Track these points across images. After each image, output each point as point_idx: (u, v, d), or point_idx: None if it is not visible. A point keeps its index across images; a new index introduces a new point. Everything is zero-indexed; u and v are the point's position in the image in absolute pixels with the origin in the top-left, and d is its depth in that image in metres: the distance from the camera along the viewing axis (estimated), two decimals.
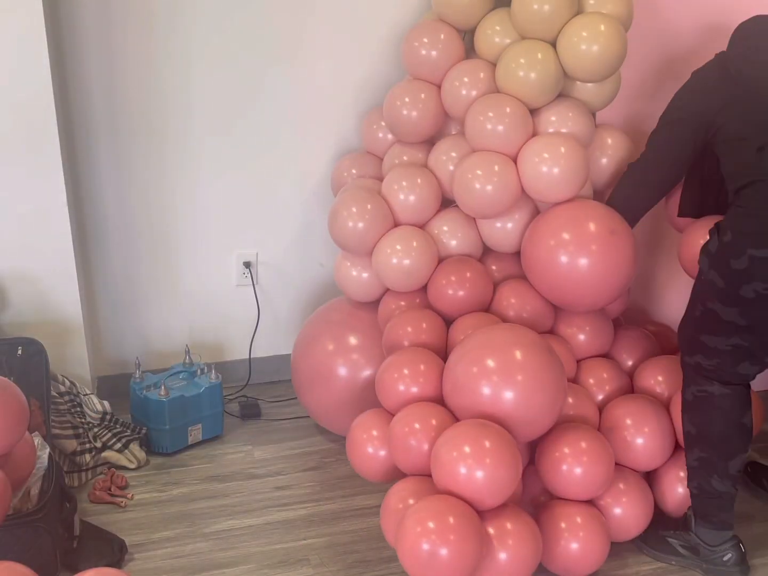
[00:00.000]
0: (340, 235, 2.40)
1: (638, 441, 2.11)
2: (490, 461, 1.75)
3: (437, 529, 1.68)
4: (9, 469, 1.79)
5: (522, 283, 2.32)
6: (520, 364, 1.87)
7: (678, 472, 2.15)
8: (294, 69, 2.63)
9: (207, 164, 2.67)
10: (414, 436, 1.91)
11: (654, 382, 2.27)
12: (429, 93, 2.40)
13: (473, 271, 2.32)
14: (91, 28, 2.43)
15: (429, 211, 2.40)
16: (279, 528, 2.20)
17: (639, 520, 2.09)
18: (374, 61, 2.67)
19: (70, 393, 2.42)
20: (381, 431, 2.07)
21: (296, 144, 2.72)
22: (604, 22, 2.18)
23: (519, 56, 2.24)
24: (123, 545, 2.07)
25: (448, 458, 1.78)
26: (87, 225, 2.64)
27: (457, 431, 1.83)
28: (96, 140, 2.55)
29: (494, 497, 1.78)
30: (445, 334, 2.26)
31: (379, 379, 2.13)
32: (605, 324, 2.35)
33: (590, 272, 2.14)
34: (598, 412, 2.19)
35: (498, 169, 2.23)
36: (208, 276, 2.80)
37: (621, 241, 2.16)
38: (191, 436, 2.53)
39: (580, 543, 1.96)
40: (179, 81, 2.56)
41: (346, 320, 2.51)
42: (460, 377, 1.92)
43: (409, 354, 2.12)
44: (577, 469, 1.97)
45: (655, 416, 2.14)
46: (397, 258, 2.31)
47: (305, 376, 2.54)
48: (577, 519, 1.97)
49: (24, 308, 2.45)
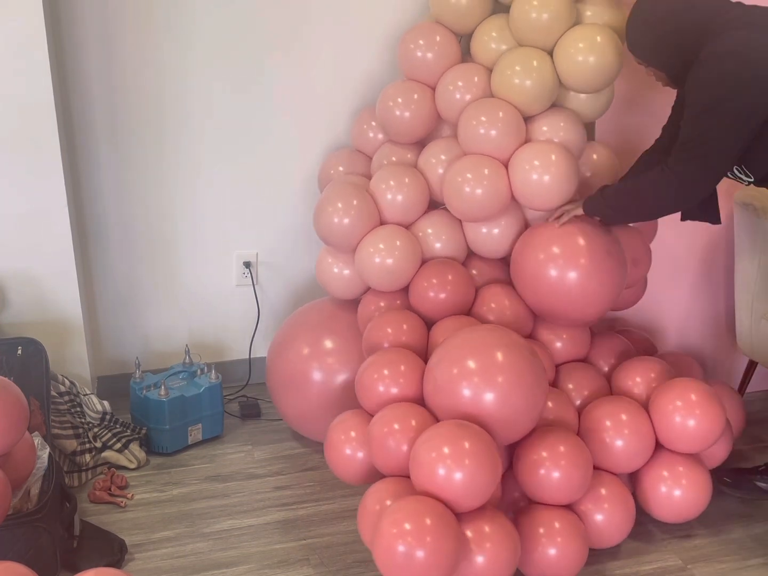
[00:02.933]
0: (325, 230, 2.38)
1: (617, 443, 2.09)
2: (469, 462, 1.72)
3: (414, 531, 1.65)
4: (9, 469, 1.79)
5: (503, 288, 2.32)
6: (501, 365, 1.85)
7: (661, 471, 2.12)
8: (294, 69, 2.64)
9: (207, 164, 2.67)
10: (393, 437, 1.89)
11: (632, 383, 2.25)
12: (422, 94, 2.40)
13: (455, 274, 2.31)
14: (91, 28, 2.43)
15: (415, 212, 2.39)
16: (279, 528, 2.20)
17: (621, 526, 2.06)
18: (373, 61, 2.67)
19: (70, 393, 2.42)
20: (359, 432, 2.05)
21: (297, 144, 2.72)
22: (601, 33, 2.19)
23: (515, 63, 2.24)
24: (123, 545, 2.07)
25: (426, 459, 1.75)
26: (87, 225, 2.64)
27: (436, 432, 1.80)
28: (96, 140, 2.56)
29: (473, 499, 1.75)
30: (426, 336, 2.24)
31: (359, 380, 2.11)
32: (582, 329, 2.36)
33: (579, 288, 2.16)
34: (578, 415, 2.19)
35: (488, 173, 2.24)
36: (208, 276, 2.81)
37: (614, 262, 2.19)
38: (191, 436, 2.53)
39: (558, 548, 1.92)
40: (178, 82, 2.56)
41: (323, 322, 2.48)
42: (441, 378, 1.90)
43: (390, 355, 2.10)
44: (555, 473, 1.95)
45: (634, 417, 2.12)
46: (380, 257, 2.30)
47: (279, 381, 2.50)
48: (555, 524, 1.94)
49: (24, 308, 2.45)
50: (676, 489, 2.10)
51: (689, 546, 2.18)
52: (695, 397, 2.11)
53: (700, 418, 2.09)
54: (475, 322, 2.22)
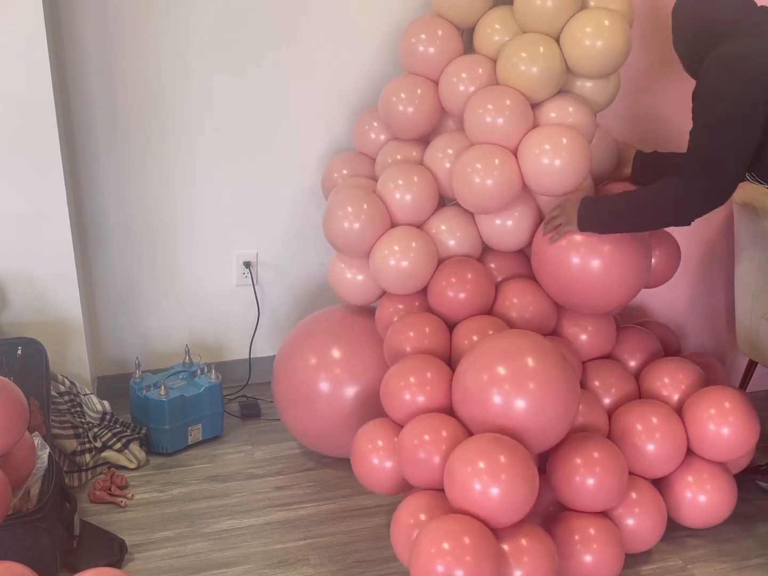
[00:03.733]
0: (336, 236, 2.32)
1: (649, 447, 2.07)
2: (505, 477, 1.69)
3: (452, 551, 1.63)
4: (9, 469, 1.79)
5: (524, 283, 2.28)
6: (532, 372, 1.81)
7: (687, 477, 2.12)
8: (294, 69, 2.63)
9: (207, 164, 2.67)
10: (424, 449, 1.86)
11: (660, 384, 2.23)
12: (426, 88, 2.35)
13: (474, 272, 2.26)
14: (91, 28, 2.43)
15: (426, 210, 2.33)
16: (279, 528, 2.20)
17: (653, 530, 2.05)
18: (373, 59, 2.66)
19: (70, 393, 2.42)
20: (386, 441, 2.02)
21: (296, 143, 2.72)
22: (609, 17, 2.14)
23: (521, 50, 2.17)
24: (123, 545, 2.07)
25: (462, 474, 1.72)
26: (87, 225, 2.64)
27: (471, 446, 1.77)
28: (96, 140, 2.56)
29: (510, 515, 1.72)
30: (449, 338, 2.20)
31: (385, 388, 2.07)
32: (608, 322, 2.30)
33: (602, 274, 2.11)
34: (608, 418, 2.16)
35: (498, 162, 2.17)
36: (208, 276, 2.80)
37: (637, 245, 2.13)
38: (191, 436, 2.53)
39: (594, 555, 1.91)
40: (179, 82, 2.56)
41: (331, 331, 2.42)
42: (470, 385, 1.87)
43: (415, 361, 2.06)
44: (590, 480, 1.93)
45: (666, 421, 2.10)
46: (396, 260, 2.24)
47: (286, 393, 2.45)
48: (590, 531, 1.93)
49: (24, 308, 2.45)
50: (701, 495, 2.10)
51: (689, 546, 2.18)
52: (729, 405, 2.10)
53: (734, 426, 2.08)
54: (498, 322, 2.18)
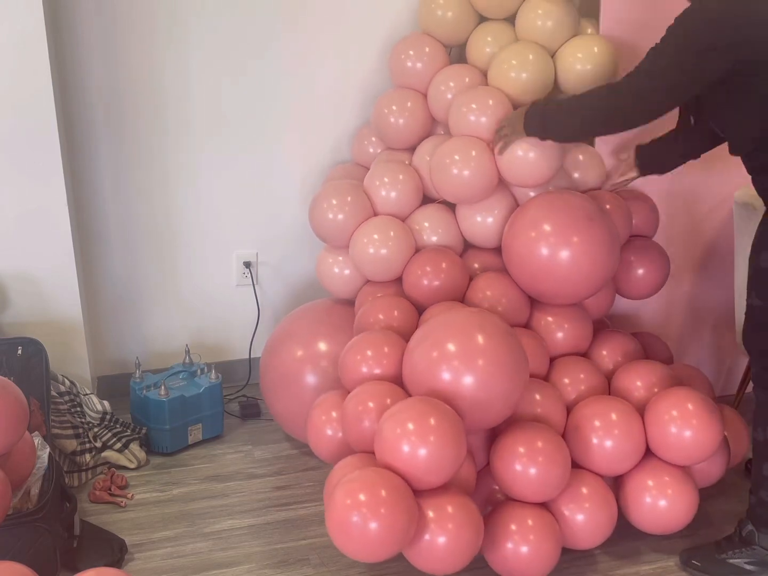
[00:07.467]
0: (319, 225, 2.43)
1: (606, 444, 2.01)
2: (434, 439, 1.70)
3: (368, 502, 1.63)
4: (9, 469, 1.79)
5: (497, 275, 2.30)
6: (481, 349, 1.81)
7: (646, 480, 2.03)
8: (294, 69, 2.64)
9: (207, 164, 2.68)
10: (368, 416, 1.86)
11: (632, 385, 2.18)
12: (415, 100, 2.47)
13: (449, 261, 2.31)
14: (91, 28, 2.44)
15: (409, 207, 2.42)
16: (279, 528, 2.20)
17: (602, 526, 2.00)
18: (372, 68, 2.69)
19: (70, 393, 2.42)
20: (340, 413, 2.01)
21: (296, 144, 2.72)
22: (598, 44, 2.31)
23: (511, 57, 2.33)
24: (123, 545, 2.07)
25: (391, 435, 1.73)
26: (87, 225, 2.64)
27: (402, 407, 1.78)
28: (96, 140, 2.56)
29: (435, 475, 1.72)
30: (417, 322, 2.22)
31: (342, 360, 2.08)
32: (583, 322, 2.30)
33: (570, 262, 2.13)
34: (566, 412, 2.12)
35: (475, 154, 2.26)
36: (208, 276, 2.81)
37: (599, 228, 2.16)
38: (191, 435, 2.53)
39: (530, 547, 1.87)
40: (179, 83, 2.56)
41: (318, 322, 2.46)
42: (420, 359, 1.87)
43: (373, 336, 2.08)
44: (532, 469, 1.89)
45: (626, 419, 2.04)
46: (374, 247, 2.32)
47: (272, 382, 2.48)
48: (528, 522, 1.90)
49: (24, 308, 2.45)
50: (661, 499, 2.02)
51: (689, 546, 2.17)
52: (692, 407, 2.03)
53: (697, 429, 2.01)
54: (465, 307, 2.19)
